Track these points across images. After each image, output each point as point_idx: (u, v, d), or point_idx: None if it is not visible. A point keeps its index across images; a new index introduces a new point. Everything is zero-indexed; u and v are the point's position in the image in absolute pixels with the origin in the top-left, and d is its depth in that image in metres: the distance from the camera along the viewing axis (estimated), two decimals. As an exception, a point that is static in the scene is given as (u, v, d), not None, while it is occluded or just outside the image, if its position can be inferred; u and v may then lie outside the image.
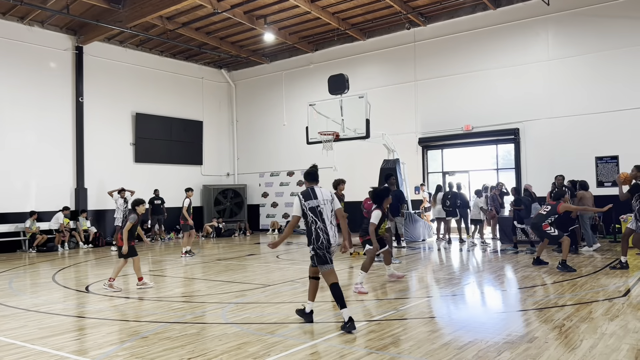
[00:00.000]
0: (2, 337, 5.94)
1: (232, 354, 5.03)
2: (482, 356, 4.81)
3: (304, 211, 6.12)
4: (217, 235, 21.15)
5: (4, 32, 17.18)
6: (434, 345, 5.20)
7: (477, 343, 5.21)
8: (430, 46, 18.82)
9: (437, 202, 15.87)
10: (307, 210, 6.13)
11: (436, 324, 6.17)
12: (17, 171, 17.18)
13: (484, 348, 5.04)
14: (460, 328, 5.85)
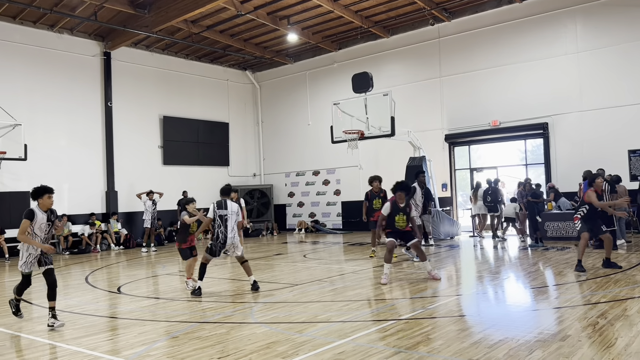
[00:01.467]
0: (38, 337, 6.11)
1: (261, 354, 5.06)
2: (513, 355, 4.73)
3: (215, 216, 8.20)
4: (244, 235, 21.27)
5: (36, 41, 17.65)
6: (463, 343, 5.14)
7: (508, 341, 5.13)
8: (455, 42, 18.59)
9: (477, 198, 15.76)
10: (217, 216, 8.22)
11: (466, 322, 6.10)
12: (49, 175, 17.54)
13: (515, 346, 4.96)
14: (490, 326, 5.77)
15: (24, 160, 16.04)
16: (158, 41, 20.19)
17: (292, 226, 23.26)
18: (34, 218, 6.41)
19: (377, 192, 12.10)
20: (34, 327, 6.80)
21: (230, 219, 8.25)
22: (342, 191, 21.72)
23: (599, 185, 9.42)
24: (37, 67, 17.65)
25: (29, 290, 9.65)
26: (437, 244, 14.94)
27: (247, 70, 24.55)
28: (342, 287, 8.61)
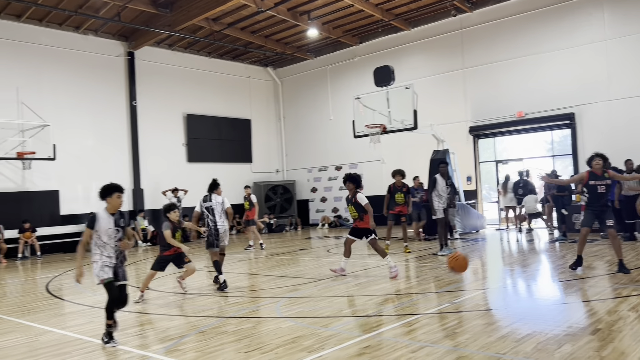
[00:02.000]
0: (70, 332, 6.27)
1: (287, 348, 5.10)
2: (542, 349, 4.67)
3: (202, 209, 8.82)
4: (268, 231, 21.47)
5: (62, 42, 18.00)
6: (490, 337, 5.09)
7: (536, 335, 5.06)
8: (478, 32, 18.33)
9: (507, 190, 15.60)
10: (204, 209, 8.85)
11: (492, 316, 6.04)
12: (77, 175, 18.00)
13: (543, 340, 4.90)
14: (517, 320, 5.70)
15: (53, 160, 16.42)
16: (180, 40, 20.40)
17: (315, 221, 23.31)
18: (95, 225, 5.53)
19: (400, 186, 12.04)
20: (66, 322, 6.97)
21: (216, 210, 8.90)
22: (365, 186, 21.61)
23: (595, 167, 8.34)
24: (63, 68, 18.00)
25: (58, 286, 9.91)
26: (462, 237, 14.80)
27: (268, 67, 24.64)
28: (366, 282, 8.60)
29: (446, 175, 11.64)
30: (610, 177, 8.26)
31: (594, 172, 8.33)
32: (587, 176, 8.37)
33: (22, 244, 15.75)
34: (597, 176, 8.29)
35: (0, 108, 16.20)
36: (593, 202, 8.40)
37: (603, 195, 8.26)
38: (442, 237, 11.48)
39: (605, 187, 8.27)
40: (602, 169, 8.30)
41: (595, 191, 8.30)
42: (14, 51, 16.89)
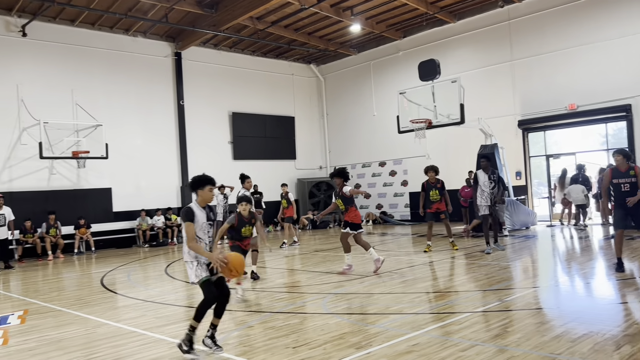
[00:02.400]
0: (125, 325, 6.48)
1: (335, 344, 5.11)
2: (599, 350, 4.50)
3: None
4: (312, 228, 21.56)
5: (113, 45, 18.62)
6: (544, 337, 4.94)
7: (593, 335, 4.87)
8: (527, 23, 17.77)
9: (565, 185, 15.13)
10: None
11: (545, 315, 5.86)
12: (128, 173, 18.59)
13: (600, 341, 4.71)
14: (572, 320, 5.50)
15: (106, 159, 17.01)
16: (225, 39, 20.72)
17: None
18: (194, 218, 5.10)
19: (434, 182, 11.63)
20: (120, 315, 7.21)
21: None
22: (409, 182, 21.43)
23: (617, 164, 7.93)
24: (114, 69, 18.61)
25: (112, 280, 10.27)
26: (512, 234, 14.43)
27: (311, 64, 24.70)
28: (412, 279, 8.51)
29: (489, 170, 11.25)
30: (637, 174, 7.81)
31: (617, 169, 7.98)
32: (611, 174, 8.03)
33: (78, 239, 16.41)
34: (621, 173, 7.92)
35: (56, 109, 16.92)
36: (620, 201, 7.98)
37: (628, 193, 7.82)
38: (487, 235, 11.10)
39: (630, 185, 7.84)
40: (628, 164, 7.90)
41: (620, 189, 7.92)
42: (68, 54, 17.59)
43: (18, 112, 16.41)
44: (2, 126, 16.14)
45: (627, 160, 7.95)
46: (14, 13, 16.39)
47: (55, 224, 15.88)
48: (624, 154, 7.99)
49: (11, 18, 16.47)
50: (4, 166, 16.16)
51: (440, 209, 11.53)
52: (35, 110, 16.37)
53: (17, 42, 16.56)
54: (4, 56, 16.32)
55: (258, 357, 4.89)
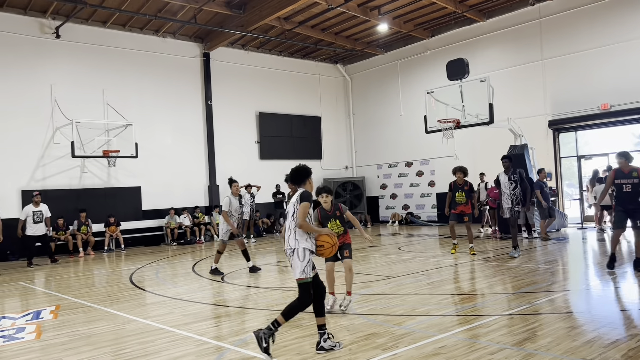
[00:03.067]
0: (153, 322, 6.58)
1: (361, 345, 5.08)
2: (634, 356, 4.37)
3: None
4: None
5: (143, 46, 18.93)
6: (575, 342, 4.82)
7: (626, 341, 4.74)
8: (558, 21, 17.40)
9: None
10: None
11: (576, 319, 5.72)
12: (157, 172, 18.88)
13: (635, 347, 4.58)
14: (605, 325, 5.36)
15: (135, 158, 17.29)
16: (253, 40, 20.85)
17: (385, 218, 23.11)
18: (311, 201, 4.93)
19: (462, 184, 11.29)
20: (148, 312, 7.32)
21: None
22: (436, 182, 21.20)
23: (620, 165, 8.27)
24: (144, 70, 18.92)
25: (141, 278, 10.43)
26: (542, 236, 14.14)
27: (338, 64, 24.68)
28: (439, 281, 8.42)
29: (509, 171, 10.90)
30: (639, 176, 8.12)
31: (620, 170, 8.27)
32: (614, 174, 8.35)
33: (108, 237, 16.74)
34: (624, 174, 8.22)
35: (88, 109, 17.29)
36: (621, 202, 8.30)
37: (629, 194, 8.16)
38: (515, 238, 10.75)
39: (632, 185, 8.16)
40: (630, 166, 8.20)
41: (621, 190, 8.23)
42: (100, 55, 17.95)
43: (52, 112, 16.83)
44: (37, 125, 16.58)
45: (628, 162, 8.28)
46: (48, 15, 16.82)
47: (87, 222, 16.23)
48: (626, 157, 8.32)
49: (45, 20, 16.91)
50: (37, 164, 16.60)
51: (465, 211, 11.25)
52: (68, 110, 16.76)
53: (51, 43, 16.99)
54: (38, 57, 16.76)
55: (284, 357, 4.90)
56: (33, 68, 16.63)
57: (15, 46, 16.37)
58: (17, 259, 15.41)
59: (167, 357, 5.07)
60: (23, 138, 16.29)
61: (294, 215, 4.91)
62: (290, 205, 5.04)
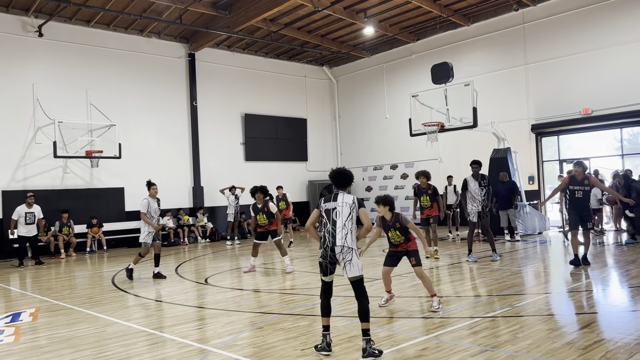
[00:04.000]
0: (134, 324, 6.52)
1: (343, 347, 5.09)
2: (611, 357, 4.44)
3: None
4: (323, 230, 21.54)
5: (127, 45, 18.78)
6: (555, 344, 4.89)
7: (605, 343, 4.82)
8: (542, 26, 17.64)
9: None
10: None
11: (556, 321, 5.80)
12: (141, 172, 18.64)
13: (612, 349, 4.65)
14: (584, 327, 5.44)
15: (119, 159, 17.13)
16: (239, 41, 20.80)
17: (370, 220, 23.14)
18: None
19: (425, 188, 11.55)
20: (130, 314, 7.26)
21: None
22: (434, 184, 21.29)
23: (575, 173, 9.29)
24: (128, 70, 18.77)
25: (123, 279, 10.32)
26: (525, 239, 14.31)
27: (324, 66, 24.72)
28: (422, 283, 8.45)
29: (479, 177, 10.90)
30: (591, 183, 9.21)
31: (574, 177, 9.25)
32: (568, 181, 9.35)
33: (90, 238, 16.56)
34: (577, 181, 9.21)
35: (71, 109, 17.09)
36: (573, 206, 9.34)
37: (581, 199, 9.18)
38: (470, 243, 10.79)
39: (583, 192, 9.18)
40: (584, 175, 9.18)
41: (574, 195, 9.28)
42: (83, 55, 17.76)
43: (33, 112, 16.61)
44: (18, 125, 16.35)
45: (583, 171, 9.26)
46: (31, 13, 16.60)
47: (68, 223, 16.03)
48: (582, 166, 9.30)
49: (28, 18, 16.69)
50: (19, 164, 16.36)
51: (431, 214, 11.50)
52: (50, 110, 16.55)
53: (33, 42, 16.77)
54: (20, 56, 16.53)
55: (267, 359, 4.89)
56: (14, 67, 16.41)
57: (-3, 44, 16.13)
58: (-4, 261, 15.16)
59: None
60: (4, 138, 16.06)
61: (350, 216, 5.07)
62: (345, 205, 5.12)
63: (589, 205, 9.38)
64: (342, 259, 4.98)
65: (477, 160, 10.95)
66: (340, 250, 4.96)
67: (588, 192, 9.24)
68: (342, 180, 5.34)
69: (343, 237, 4.98)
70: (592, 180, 9.30)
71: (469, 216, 10.81)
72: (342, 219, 5.05)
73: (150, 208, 10.21)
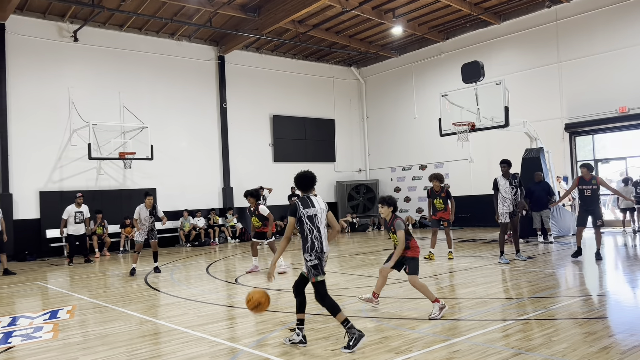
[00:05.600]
0: (167, 322, 6.63)
1: (374, 348, 5.07)
2: (652, 363, 4.30)
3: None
4: (351, 230, 21.52)
5: (159, 49, 19.12)
6: (592, 348, 4.76)
7: (645, 348, 4.67)
8: (575, 23, 17.23)
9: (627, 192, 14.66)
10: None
11: (593, 325, 5.65)
12: (173, 174, 19.03)
13: (653, 354, 4.51)
14: (622, 331, 5.29)
15: (151, 160, 17.45)
16: (267, 43, 20.95)
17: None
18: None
19: (438, 191, 11.48)
20: (163, 313, 7.38)
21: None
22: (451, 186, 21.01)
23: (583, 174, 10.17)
24: (160, 73, 19.11)
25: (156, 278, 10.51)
26: (558, 240, 14.00)
27: (352, 67, 24.69)
28: (453, 285, 8.37)
29: (509, 176, 10.73)
30: (598, 183, 10.00)
31: (583, 178, 10.12)
32: (578, 181, 10.24)
33: (123, 238, 16.90)
34: (585, 181, 10.08)
35: (105, 112, 17.51)
36: (582, 204, 10.26)
37: (589, 197, 10.03)
38: (502, 244, 10.60)
39: (592, 190, 10.02)
40: (591, 175, 10.02)
41: (583, 194, 10.14)
42: (116, 58, 18.17)
43: (69, 115, 17.06)
44: (55, 128, 16.82)
45: (590, 171, 10.09)
46: (67, 19, 17.07)
47: (103, 223, 16.40)
48: (588, 167, 10.16)
49: (64, 24, 17.16)
50: (55, 166, 16.82)
51: (444, 217, 11.46)
52: (85, 113, 16.98)
53: (69, 47, 17.23)
54: (56, 60, 17.00)
55: (297, 359, 4.90)
56: (51, 71, 16.89)
57: (35, 50, 16.64)
58: (34, 259, 15.63)
59: (181, 358, 5.10)
60: (41, 140, 16.54)
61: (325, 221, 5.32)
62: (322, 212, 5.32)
63: (598, 203, 10.18)
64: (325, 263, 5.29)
65: (506, 160, 10.80)
66: (325, 254, 5.28)
67: (596, 191, 10.03)
68: (310, 183, 5.48)
69: (327, 243, 5.30)
70: (599, 180, 10.09)
71: (500, 217, 10.64)
72: (323, 225, 5.31)
73: (141, 215, 11.53)
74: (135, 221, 11.61)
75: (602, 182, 10.20)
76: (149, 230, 11.56)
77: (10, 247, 14.71)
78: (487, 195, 14.72)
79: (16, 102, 16.22)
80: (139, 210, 11.59)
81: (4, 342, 6.02)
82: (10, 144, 15.98)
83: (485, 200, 16.76)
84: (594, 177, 10.05)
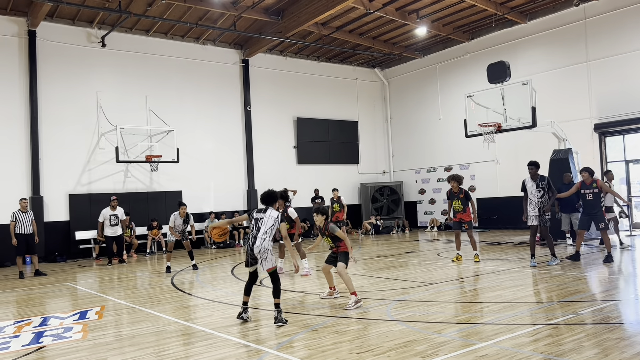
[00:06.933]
0: (194, 324, 6.69)
1: (400, 352, 5.03)
2: (689, 371, 4.17)
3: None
4: (375, 233, 21.43)
5: (184, 53, 19.38)
6: (624, 354, 4.64)
7: (681, 355, 4.53)
8: (605, 21, 16.86)
9: None
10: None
11: (625, 330, 5.50)
12: (198, 176, 19.25)
13: (690, 362, 4.37)
14: (657, 337, 5.14)
15: (177, 163, 17.67)
16: (291, 46, 21.04)
17: (423, 224, 22.85)
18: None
19: (457, 192, 11.37)
20: (189, 314, 7.45)
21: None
22: (477, 187, 20.83)
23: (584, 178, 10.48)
24: (185, 77, 19.35)
25: (182, 280, 10.62)
26: (587, 243, 13.70)
27: (375, 68, 24.61)
28: (480, 288, 8.26)
29: (537, 177, 10.51)
30: (598, 187, 10.25)
31: (584, 183, 10.39)
32: (580, 185, 10.51)
33: (150, 240, 17.14)
34: (586, 185, 10.39)
35: (132, 115, 17.81)
36: (584, 207, 10.45)
37: (591, 201, 10.27)
38: (532, 247, 10.46)
39: (593, 195, 10.27)
40: (591, 179, 10.28)
41: (585, 198, 10.38)
42: (143, 63, 18.47)
43: (97, 119, 17.40)
44: (83, 131, 17.17)
45: (590, 176, 10.39)
46: (95, 25, 17.43)
47: (130, 225, 16.67)
48: (589, 172, 10.43)
49: (92, 30, 17.53)
50: (84, 169, 17.17)
51: (464, 219, 11.33)
52: (113, 116, 17.29)
53: (97, 52, 17.59)
54: (85, 65, 17.37)
55: (322, 361, 4.90)
56: (80, 76, 17.25)
57: (64, 55, 17.03)
58: (64, 260, 15.98)
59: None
60: (70, 144, 16.90)
61: (272, 227, 6.64)
62: (270, 218, 6.67)
63: (600, 207, 10.41)
64: (260, 257, 6.59)
65: (534, 161, 10.62)
66: (258, 250, 6.54)
67: (597, 195, 10.28)
68: (270, 199, 6.88)
69: (262, 241, 6.56)
70: (600, 183, 10.35)
71: (528, 220, 10.48)
72: (265, 228, 6.63)
73: (175, 223, 12.07)
74: (170, 229, 12.11)
75: (603, 186, 10.47)
76: (181, 233, 12.17)
77: (41, 249, 15.10)
78: (514, 197, 14.56)
79: (46, 107, 16.61)
80: (174, 218, 12.09)
81: (35, 342, 6.17)
82: (41, 147, 16.37)
83: (512, 202, 16.54)
84: (594, 181, 10.32)
